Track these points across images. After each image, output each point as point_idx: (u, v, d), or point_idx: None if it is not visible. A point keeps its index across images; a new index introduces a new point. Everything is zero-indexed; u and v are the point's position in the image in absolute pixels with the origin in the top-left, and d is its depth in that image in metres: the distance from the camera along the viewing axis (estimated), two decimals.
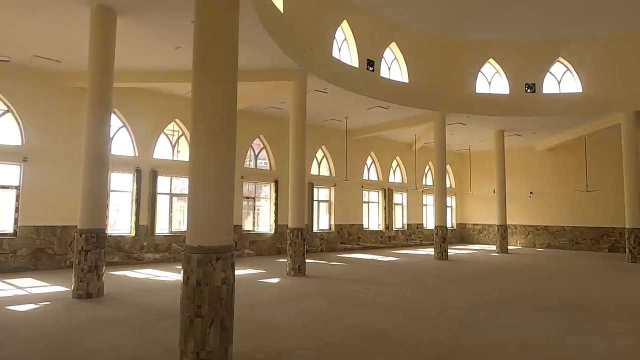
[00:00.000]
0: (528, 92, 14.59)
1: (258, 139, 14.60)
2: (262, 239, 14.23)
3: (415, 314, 6.19)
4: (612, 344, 4.83)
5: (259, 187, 14.99)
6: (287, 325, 5.39)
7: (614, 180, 15.43)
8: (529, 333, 5.26)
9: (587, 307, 6.83)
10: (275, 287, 8.45)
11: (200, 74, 4.19)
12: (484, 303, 7.02)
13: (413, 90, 13.70)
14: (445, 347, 4.67)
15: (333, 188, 16.59)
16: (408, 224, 19.55)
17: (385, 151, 18.61)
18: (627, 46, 13.60)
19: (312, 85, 11.18)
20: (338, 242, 16.50)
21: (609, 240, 17.19)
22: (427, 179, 20.32)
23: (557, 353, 4.49)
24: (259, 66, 10.22)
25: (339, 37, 12.12)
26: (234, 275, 4.11)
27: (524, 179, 19.29)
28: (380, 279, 9.62)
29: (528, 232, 19.61)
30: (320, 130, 15.88)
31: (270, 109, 13.71)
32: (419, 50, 14.00)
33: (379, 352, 4.42)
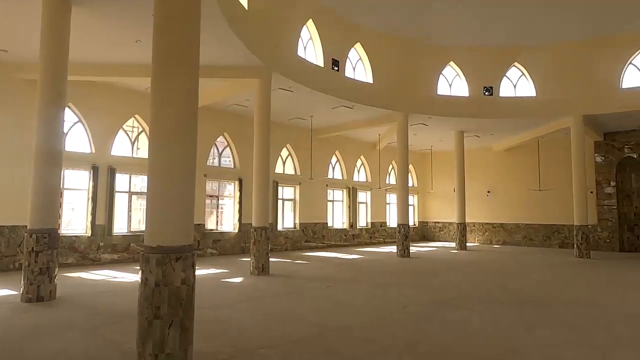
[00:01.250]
0: (486, 95, 15.15)
1: (222, 136, 14.38)
2: (226, 238, 14.03)
3: (378, 310, 6.31)
4: (558, 334, 5.11)
5: (223, 185, 14.77)
6: (250, 325, 5.35)
7: (564, 180, 16.30)
8: (485, 325, 5.48)
9: (537, 301, 7.19)
10: (238, 286, 8.36)
11: (160, 69, 4.08)
12: (445, 298, 7.25)
13: (377, 91, 13.91)
14: (407, 341, 4.78)
15: (298, 187, 16.59)
16: (372, 222, 19.85)
17: (349, 150, 18.80)
18: (576, 53, 14.39)
19: (277, 84, 11.13)
20: (303, 241, 16.52)
21: (559, 237, 18.16)
22: (391, 178, 20.70)
23: (510, 343, 4.70)
24: (223, 63, 10.06)
25: (304, 36, 12.13)
26: (195, 275, 4.03)
27: (482, 179, 20.04)
28: (344, 276, 9.72)
29: (485, 230, 20.39)
30: (285, 128, 15.83)
31: (234, 107, 13.53)
32: (383, 52, 14.23)
33: (342, 348, 4.48)
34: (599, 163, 17.19)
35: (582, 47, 14.29)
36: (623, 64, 13.96)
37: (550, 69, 14.82)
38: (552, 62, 14.77)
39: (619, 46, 13.92)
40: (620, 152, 16.79)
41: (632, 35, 13.61)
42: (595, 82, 14.24)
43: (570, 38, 14.25)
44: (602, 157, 17.15)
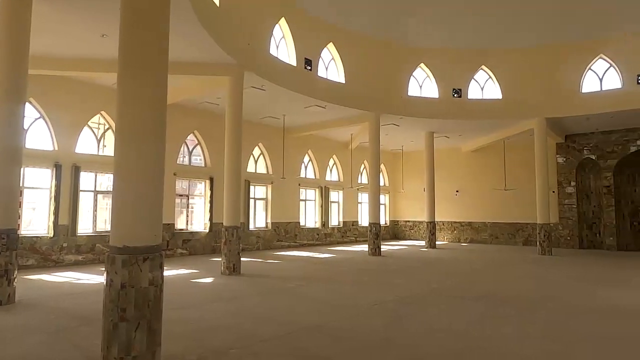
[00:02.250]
0: (455, 97, 15.53)
1: (192, 134, 14.14)
2: (196, 238, 13.81)
3: (348, 308, 6.36)
4: (520, 329, 5.31)
5: (193, 184, 14.52)
6: (220, 325, 5.30)
7: (528, 180, 16.92)
8: (452, 321, 5.63)
9: (501, 296, 7.44)
10: (208, 286, 8.25)
11: (126, 65, 3.98)
12: (414, 295, 7.39)
13: (349, 91, 14.02)
14: (376, 338, 4.85)
15: (270, 186, 16.51)
16: (344, 221, 19.99)
17: (322, 150, 18.86)
18: (540, 58, 14.95)
19: (249, 82, 11.03)
20: (275, 240, 16.46)
21: (523, 234, 18.84)
22: (363, 178, 20.91)
23: (474, 338, 4.85)
24: (194, 59, 9.90)
25: (277, 35, 12.07)
26: (163, 275, 3.96)
27: (451, 178, 20.53)
28: (315, 275, 9.75)
29: (454, 228, 20.91)
30: (258, 127, 15.72)
31: (205, 104, 13.32)
32: (356, 52, 14.35)
33: (313, 346, 4.50)
34: (561, 164, 17.94)
35: (546, 52, 14.86)
36: (583, 69, 14.61)
37: (515, 73, 15.34)
38: (517, 66, 15.29)
39: (580, 52, 14.56)
40: (580, 153, 17.57)
41: (592, 42, 14.25)
42: (557, 87, 14.84)
43: (535, 43, 14.80)
44: (564, 158, 17.90)
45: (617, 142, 16.76)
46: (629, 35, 13.64)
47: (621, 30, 13.66)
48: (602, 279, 9.60)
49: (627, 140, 16.57)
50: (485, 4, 13.57)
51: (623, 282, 9.02)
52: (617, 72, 14.11)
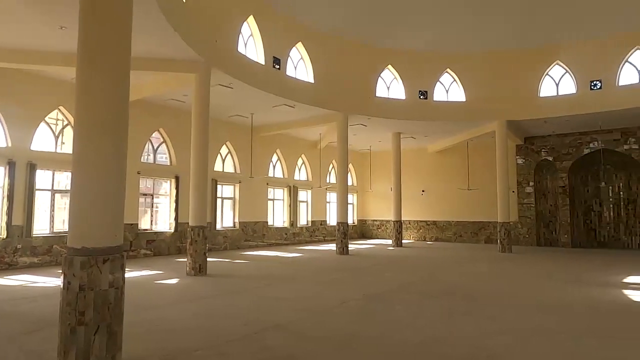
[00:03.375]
0: (421, 98, 15.89)
1: (157, 132, 13.78)
2: (161, 238, 13.48)
3: (315, 307, 6.40)
4: (480, 323, 5.51)
5: (158, 183, 14.16)
6: (185, 326, 5.20)
7: (489, 180, 17.53)
8: (415, 317, 5.78)
9: (463, 293, 7.69)
10: (173, 287, 8.08)
11: (86, 59, 3.84)
12: (380, 293, 7.52)
13: (318, 91, 14.07)
14: (342, 336, 4.91)
15: (238, 185, 16.33)
16: (312, 221, 20.04)
17: (291, 149, 18.83)
18: (502, 63, 15.52)
19: (217, 79, 10.88)
20: (242, 240, 16.30)
21: (485, 233, 19.51)
22: (331, 177, 21.03)
23: (437, 333, 4.99)
24: (159, 55, 9.66)
25: (245, 32, 11.96)
26: (124, 277, 3.85)
27: (417, 178, 20.98)
28: (283, 275, 9.74)
29: (420, 227, 21.39)
30: (225, 125, 15.51)
31: (171, 101, 13.03)
32: (325, 53, 14.42)
33: (278, 345, 4.50)
34: (520, 165, 18.70)
35: (508, 57, 15.44)
36: (541, 74, 15.29)
37: (478, 77, 15.86)
38: (480, 70, 15.80)
39: (538, 58, 15.22)
40: (538, 155, 18.38)
41: (549, 48, 14.93)
42: (517, 91, 15.46)
43: (497, 48, 15.34)
44: (523, 160, 18.67)
45: (571, 144, 17.64)
46: (582, 42, 14.38)
47: (576, 38, 14.39)
48: (556, 275, 10.09)
49: (580, 143, 17.47)
50: (451, 10, 13.95)
51: (575, 278, 9.51)
52: (572, 78, 14.85)
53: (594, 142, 17.12)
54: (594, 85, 14.29)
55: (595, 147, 17.07)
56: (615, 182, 17.69)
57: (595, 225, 18.01)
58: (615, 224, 17.63)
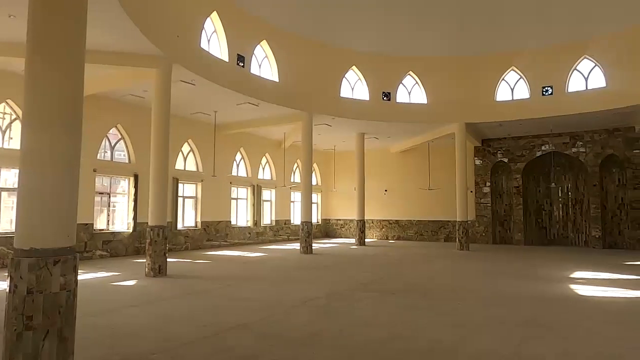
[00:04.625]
0: (384, 99, 16.18)
1: (115, 128, 13.28)
2: (118, 239, 13.01)
3: (277, 306, 6.39)
4: (439, 318, 5.70)
5: (116, 181, 13.67)
6: (142, 329, 5.06)
7: (449, 181, 18.10)
8: (377, 314, 5.90)
9: (422, 289, 7.92)
10: (130, 289, 7.83)
11: (36, 50, 3.65)
12: (342, 291, 7.61)
13: (283, 90, 14.03)
14: (303, 333, 4.93)
15: (200, 184, 16.01)
16: (276, 220, 19.95)
17: (255, 148, 18.67)
18: (462, 67, 16.04)
19: (178, 75, 10.63)
20: (204, 240, 16.00)
21: (445, 231, 20.14)
22: (296, 177, 21.02)
23: (397, 329, 5.12)
24: (117, 49, 9.32)
25: (208, 28, 11.74)
26: (77, 279, 3.70)
27: (380, 178, 21.34)
28: (245, 274, 9.65)
29: (383, 226, 21.78)
30: (187, 122, 15.18)
31: (130, 97, 12.60)
32: (290, 51, 14.39)
33: (239, 345, 4.46)
34: (478, 166, 19.43)
35: (467, 62, 15.98)
36: (497, 80, 15.94)
37: (439, 80, 16.32)
38: (441, 74, 16.27)
39: (495, 64, 15.85)
40: (494, 156, 19.16)
41: (505, 55, 15.58)
42: (476, 95, 16.04)
43: (458, 53, 15.85)
44: (480, 161, 19.40)
45: (525, 147, 18.51)
46: (535, 50, 15.11)
47: (529, 46, 15.09)
48: (509, 271, 10.56)
49: (533, 146, 18.36)
50: (413, 15, 14.31)
51: (526, 274, 10.00)
52: (525, 84, 15.58)
53: (546, 145, 18.05)
54: (545, 91, 15.06)
55: (546, 149, 18.00)
56: (565, 183, 18.73)
57: (545, 224, 19.00)
58: (564, 223, 18.67)
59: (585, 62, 14.59)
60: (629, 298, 7.20)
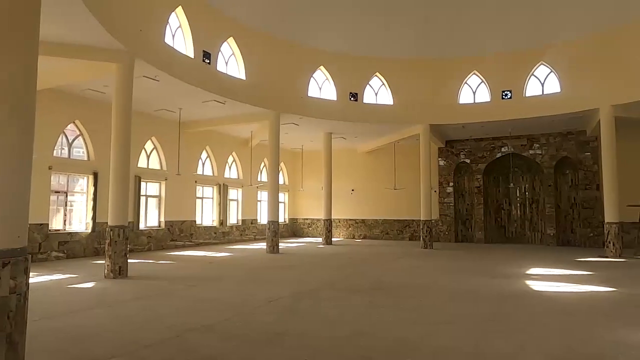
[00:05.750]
0: (352, 100, 16.34)
1: (73, 124, 12.73)
2: (76, 239, 12.48)
3: (241, 306, 6.33)
4: (402, 315, 5.83)
5: (74, 179, 13.11)
6: (100, 332, 4.88)
7: (414, 181, 18.49)
8: (342, 312, 5.95)
9: (387, 287, 8.06)
10: (88, 292, 7.54)
11: None
12: (307, 290, 7.62)
13: (250, 88, 13.90)
14: (268, 333, 4.91)
15: (164, 182, 15.61)
16: (243, 220, 19.74)
17: (221, 146, 18.39)
18: (426, 69, 16.42)
19: (141, 71, 10.32)
20: (168, 240, 15.62)
21: (410, 230, 20.57)
22: (263, 176, 20.87)
23: (361, 326, 5.19)
24: (75, 41, 8.94)
25: (173, 23, 11.46)
26: (29, 282, 3.52)
27: (347, 178, 21.53)
28: (210, 275, 9.50)
29: (349, 225, 21.98)
30: (151, 119, 14.76)
31: (89, 92, 12.12)
32: (257, 49, 14.26)
33: (202, 346, 4.39)
34: (441, 166, 19.96)
35: (431, 64, 16.37)
36: (460, 83, 16.44)
37: (404, 82, 16.65)
38: (406, 76, 16.60)
39: (458, 67, 16.34)
40: (457, 157, 19.75)
41: (468, 59, 16.09)
42: (440, 97, 16.47)
43: (423, 56, 16.21)
44: (444, 162, 19.95)
45: (485, 148, 19.19)
46: (495, 55, 15.68)
47: (490, 51, 15.65)
48: (470, 268, 10.92)
49: (493, 147, 19.06)
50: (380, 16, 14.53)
51: (485, 271, 10.37)
52: (486, 87, 16.14)
53: (505, 146, 18.78)
54: (505, 95, 15.67)
55: (505, 151, 18.73)
56: (522, 183, 19.56)
57: (504, 223, 19.77)
58: (521, 221, 19.49)
59: (542, 68, 15.29)
60: (579, 292, 7.62)
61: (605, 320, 5.62)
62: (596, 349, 4.39)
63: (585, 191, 17.43)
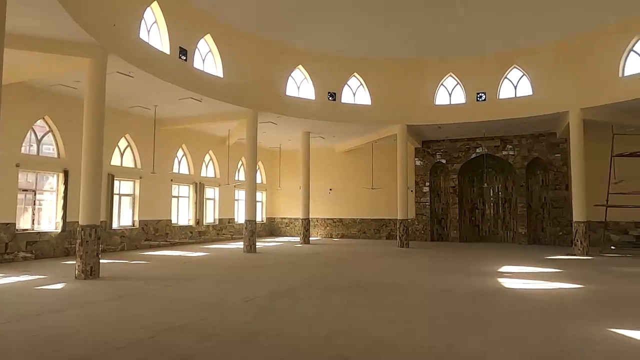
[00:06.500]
0: (330, 99, 16.38)
1: (42, 120, 12.31)
2: (45, 239, 12.07)
3: (218, 306, 6.27)
4: (380, 314, 5.89)
5: (43, 177, 12.68)
6: (71, 334, 4.75)
7: (391, 180, 18.69)
8: (320, 311, 5.97)
9: (364, 286, 8.13)
10: (58, 293, 7.31)
11: None
12: (285, 289, 7.61)
13: (227, 86, 13.74)
14: (244, 333, 4.88)
15: (138, 181, 15.27)
16: (220, 219, 19.52)
17: (198, 144, 18.13)
18: (403, 70, 16.61)
19: (115, 66, 10.06)
20: (142, 239, 15.30)
21: (387, 229, 20.78)
22: (240, 174, 20.69)
23: (339, 325, 5.21)
24: (45, 34, 8.64)
25: (148, 19, 11.22)
26: None
27: (325, 177, 21.58)
28: (185, 274, 9.36)
29: (327, 224, 22.04)
30: (125, 116, 14.42)
31: (60, 87, 11.73)
32: (235, 47, 14.12)
33: (177, 347, 4.32)
34: (418, 166, 20.24)
35: (409, 66, 16.57)
36: (436, 84, 16.70)
37: (383, 82, 16.80)
38: (384, 76, 16.75)
39: (434, 69, 16.58)
40: (434, 157, 20.07)
41: (443, 61, 16.35)
42: (416, 98, 16.70)
43: (401, 57, 16.39)
44: (421, 162, 20.24)
45: (461, 149, 19.57)
46: (471, 58, 16.00)
47: (465, 53, 15.96)
48: (445, 267, 11.14)
49: (468, 148, 19.46)
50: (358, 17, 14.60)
51: (459, 269, 10.59)
52: (462, 89, 16.46)
53: (479, 147, 19.20)
54: (479, 97, 16.02)
55: (480, 152, 19.15)
56: (496, 183, 20.04)
57: (478, 222, 20.22)
58: (494, 220, 19.97)
59: (515, 71, 15.71)
60: (548, 290, 7.87)
61: (572, 317, 5.83)
62: (564, 345, 4.55)
63: (555, 191, 18.01)
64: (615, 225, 16.31)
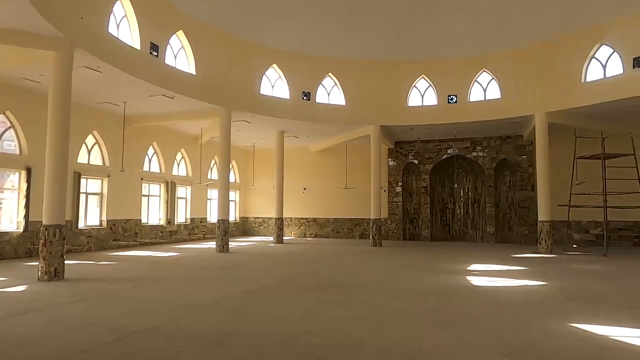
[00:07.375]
0: (304, 99, 16.38)
1: (3, 114, 11.78)
2: (6, 239, 11.56)
3: (189, 306, 6.17)
4: (352, 312, 5.94)
5: (3, 175, 12.13)
6: (32, 339, 4.57)
7: (364, 180, 18.87)
8: (292, 310, 5.96)
9: (336, 285, 8.18)
10: (20, 296, 7.02)
11: None
12: (257, 289, 7.56)
13: (200, 83, 13.53)
14: (216, 334, 4.82)
15: (106, 179, 14.83)
16: (191, 218, 19.21)
17: (169, 142, 17.77)
18: (377, 71, 16.79)
19: (82, 61, 9.74)
20: (111, 240, 14.87)
21: (360, 229, 20.96)
22: (213, 173, 20.41)
23: (310, 324, 5.23)
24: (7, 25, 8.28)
25: (117, 12, 10.92)
26: None
27: (299, 176, 21.56)
28: (156, 275, 9.17)
29: (301, 224, 22.03)
30: (92, 113, 13.98)
31: (22, 81, 11.26)
32: (208, 44, 13.91)
33: (147, 349, 4.24)
34: (391, 166, 20.52)
35: (383, 66, 16.76)
36: (409, 86, 16.97)
37: (357, 83, 16.93)
38: (358, 76, 16.88)
39: (407, 70, 16.85)
40: (406, 158, 20.39)
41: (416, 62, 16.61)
42: (389, 99, 16.92)
43: (374, 57, 16.57)
44: (394, 162, 20.52)
45: (433, 150, 19.96)
46: (443, 60, 16.34)
47: (438, 55, 16.28)
48: (416, 265, 11.34)
49: (440, 149, 19.87)
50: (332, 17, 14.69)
51: (430, 267, 10.82)
52: (434, 91, 16.79)
53: (451, 148, 19.64)
54: (451, 99, 16.39)
55: (451, 153, 19.59)
56: (466, 184, 20.54)
57: (449, 221, 20.68)
58: (464, 220, 20.47)
59: (485, 75, 16.14)
60: (513, 287, 8.14)
61: (536, 313, 6.05)
62: (527, 340, 4.72)
63: (521, 192, 18.62)
64: (577, 224, 17.03)
